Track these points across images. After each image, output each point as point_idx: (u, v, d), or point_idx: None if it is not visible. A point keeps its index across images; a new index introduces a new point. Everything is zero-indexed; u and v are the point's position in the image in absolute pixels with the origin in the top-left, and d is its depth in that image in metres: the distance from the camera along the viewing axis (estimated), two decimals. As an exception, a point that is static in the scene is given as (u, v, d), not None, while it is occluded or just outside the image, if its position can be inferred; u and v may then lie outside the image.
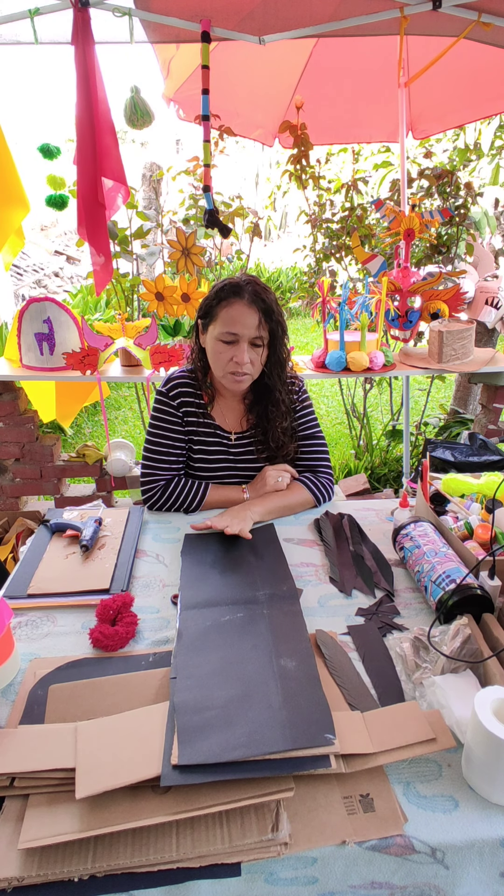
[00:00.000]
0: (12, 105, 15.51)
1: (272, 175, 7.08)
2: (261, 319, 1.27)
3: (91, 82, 1.87)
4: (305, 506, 1.40)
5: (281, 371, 1.38)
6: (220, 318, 1.28)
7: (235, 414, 1.45)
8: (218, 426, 1.44)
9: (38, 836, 0.63)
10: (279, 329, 1.32)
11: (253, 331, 1.27)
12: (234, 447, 1.44)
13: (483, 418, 2.77)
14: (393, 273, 2.27)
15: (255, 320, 1.26)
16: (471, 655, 0.85)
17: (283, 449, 1.42)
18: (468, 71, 2.47)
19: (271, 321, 1.29)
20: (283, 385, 1.40)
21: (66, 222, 8.48)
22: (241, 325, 1.26)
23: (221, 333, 1.28)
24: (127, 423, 4.64)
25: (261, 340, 1.30)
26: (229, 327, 1.26)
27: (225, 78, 2.34)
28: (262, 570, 1.14)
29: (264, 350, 1.32)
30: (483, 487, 1.27)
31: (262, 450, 1.43)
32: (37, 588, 1.10)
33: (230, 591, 1.07)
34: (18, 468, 2.57)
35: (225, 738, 0.73)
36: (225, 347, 1.29)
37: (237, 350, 1.28)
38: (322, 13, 2.02)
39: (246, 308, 1.26)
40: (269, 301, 1.28)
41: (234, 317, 1.26)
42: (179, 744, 0.72)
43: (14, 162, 2.02)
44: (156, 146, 9.55)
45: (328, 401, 5.19)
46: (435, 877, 0.67)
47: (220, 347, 1.29)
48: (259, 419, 1.42)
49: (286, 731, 0.73)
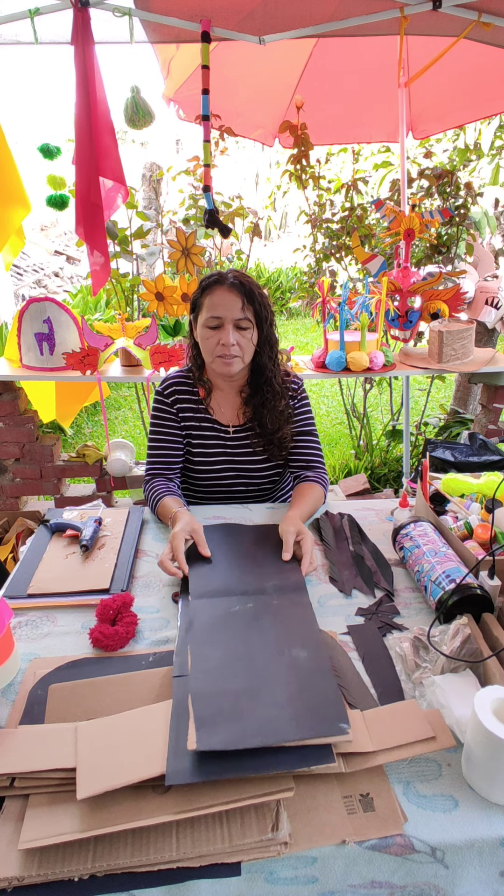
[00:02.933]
0: (12, 105, 15.51)
1: (272, 175, 7.08)
2: (244, 302, 1.30)
3: (91, 82, 1.87)
4: (321, 500, 1.41)
5: (272, 351, 1.40)
6: (205, 306, 1.32)
7: (232, 407, 1.46)
8: (215, 420, 1.45)
9: (39, 837, 0.63)
10: (264, 311, 1.34)
11: (237, 312, 1.30)
12: (232, 440, 1.45)
13: (483, 418, 2.77)
14: (393, 273, 2.27)
15: (237, 303, 1.29)
16: (471, 655, 0.85)
17: (280, 432, 1.42)
18: (468, 71, 2.46)
19: (254, 303, 1.32)
20: (276, 366, 1.42)
21: (66, 222, 8.46)
22: (224, 308, 1.29)
23: (207, 319, 1.31)
24: (127, 423, 4.64)
25: (247, 322, 1.32)
26: (212, 311, 1.30)
27: (225, 78, 2.34)
28: (270, 562, 1.15)
29: (253, 332, 1.34)
30: (483, 487, 1.27)
31: (260, 442, 1.44)
32: (37, 588, 1.10)
33: (239, 582, 1.08)
34: (18, 468, 2.57)
35: (241, 725, 0.73)
36: (211, 333, 1.32)
37: (222, 333, 1.30)
38: (322, 13, 2.02)
39: (227, 292, 1.29)
40: (250, 285, 1.32)
41: (215, 301, 1.30)
42: (196, 730, 0.72)
43: (14, 162, 2.02)
44: (156, 146, 9.55)
45: (328, 401, 5.19)
46: (435, 876, 0.67)
47: (207, 333, 1.32)
48: (256, 409, 1.43)
49: (301, 720, 0.74)
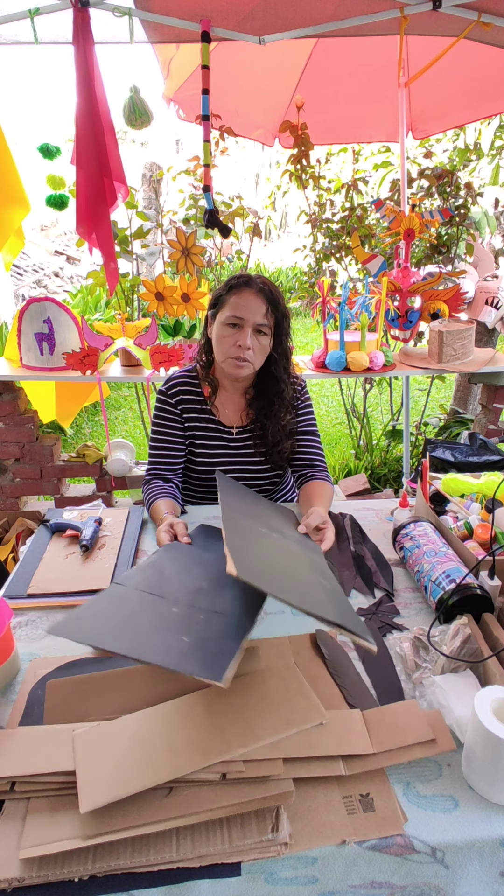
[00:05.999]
0: (12, 105, 15.50)
1: (272, 175, 7.07)
2: (267, 309, 1.30)
3: (91, 82, 1.87)
4: (332, 497, 1.42)
5: (286, 363, 1.41)
6: (228, 304, 1.31)
7: (236, 408, 1.46)
8: (219, 421, 1.45)
9: (40, 842, 0.63)
10: (284, 322, 1.35)
11: (259, 317, 1.30)
12: (235, 441, 1.45)
13: (483, 418, 2.77)
14: (393, 273, 2.27)
15: (261, 308, 1.30)
16: (471, 655, 0.85)
17: (279, 445, 1.42)
18: (468, 71, 2.46)
19: (277, 312, 1.32)
20: (289, 378, 1.42)
21: (66, 222, 8.47)
22: (248, 311, 1.29)
23: (228, 317, 1.31)
24: (127, 423, 4.64)
25: (266, 329, 1.32)
26: (236, 311, 1.30)
27: (225, 78, 2.34)
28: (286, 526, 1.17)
29: (269, 340, 1.34)
30: (483, 487, 1.27)
31: (261, 444, 1.44)
32: (37, 588, 1.10)
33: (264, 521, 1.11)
34: (18, 468, 2.57)
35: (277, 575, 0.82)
36: (230, 331, 1.31)
37: (241, 334, 1.30)
38: (322, 13, 2.02)
39: (253, 296, 1.30)
40: (276, 294, 1.32)
41: (241, 302, 1.30)
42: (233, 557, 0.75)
43: (14, 162, 2.02)
44: (156, 146, 9.55)
45: (328, 401, 5.19)
46: (435, 876, 0.67)
47: (226, 331, 1.32)
48: (259, 414, 1.43)
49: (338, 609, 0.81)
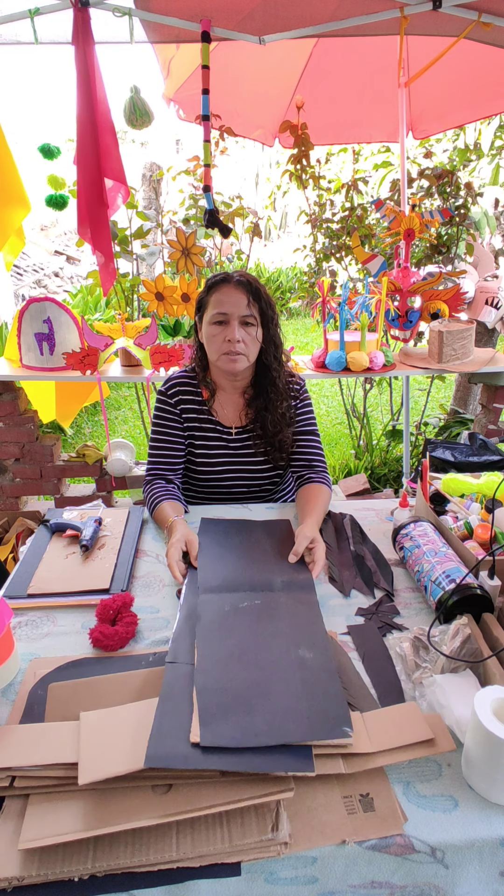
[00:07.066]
0: (12, 105, 15.49)
1: (272, 175, 7.08)
2: (249, 299, 1.31)
3: (91, 82, 1.87)
4: (329, 501, 1.40)
5: (276, 351, 1.41)
6: (211, 303, 1.33)
7: (235, 409, 1.46)
8: (218, 422, 1.45)
9: (39, 837, 0.63)
10: (269, 310, 1.36)
11: (242, 309, 1.31)
12: (234, 442, 1.45)
13: (483, 418, 2.77)
14: (393, 273, 2.27)
15: (243, 300, 1.31)
16: (471, 655, 0.85)
17: (280, 435, 1.42)
18: (468, 71, 2.46)
19: (260, 301, 1.33)
20: (280, 366, 1.42)
21: (66, 222, 8.48)
22: (230, 305, 1.30)
23: (213, 315, 1.32)
24: (127, 423, 4.64)
25: (252, 319, 1.33)
26: (219, 308, 1.31)
27: (225, 78, 2.34)
28: (278, 557, 1.16)
29: (258, 331, 1.35)
30: (483, 487, 1.27)
31: (261, 444, 1.44)
32: (37, 588, 1.10)
33: (248, 576, 1.08)
34: (18, 468, 2.57)
35: (246, 722, 0.73)
36: (217, 329, 1.32)
37: (228, 329, 1.31)
38: (322, 13, 2.01)
39: (233, 289, 1.31)
40: (255, 284, 1.33)
41: (222, 298, 1.31)
42: (201, 724, 0.72)
43: (14, 162, 2.02)
44: (156, 146, 9.53)
45: (328, 401, 5.18)
46: (435, 876, 0.67)
47: (214, 330, 1.33)
48: (259, 411, 1.43)
49: (305, 721, 0.74)
